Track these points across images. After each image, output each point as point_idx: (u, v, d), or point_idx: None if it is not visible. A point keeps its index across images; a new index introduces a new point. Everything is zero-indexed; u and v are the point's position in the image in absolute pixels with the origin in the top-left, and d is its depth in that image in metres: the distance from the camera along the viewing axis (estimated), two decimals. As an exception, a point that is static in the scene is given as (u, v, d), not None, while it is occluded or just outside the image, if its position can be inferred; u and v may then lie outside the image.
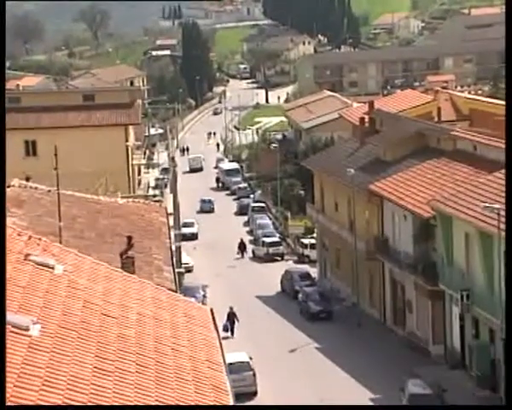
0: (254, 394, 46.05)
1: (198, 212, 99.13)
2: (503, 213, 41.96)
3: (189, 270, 62.57)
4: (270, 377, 48.01)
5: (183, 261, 57.42)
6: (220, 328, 29.61)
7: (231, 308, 55.36)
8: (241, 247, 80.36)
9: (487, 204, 43.16)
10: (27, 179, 40.31)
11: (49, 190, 36.19)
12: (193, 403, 17.22)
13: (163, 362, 18.56)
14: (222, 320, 51.43)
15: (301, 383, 48.60)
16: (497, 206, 42.05)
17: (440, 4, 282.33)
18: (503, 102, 72.66)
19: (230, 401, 18.69)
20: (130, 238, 28.50)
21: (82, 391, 15.22)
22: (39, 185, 38.30)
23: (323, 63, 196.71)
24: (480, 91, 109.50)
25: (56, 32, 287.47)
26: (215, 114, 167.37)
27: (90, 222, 35.23)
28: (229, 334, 53.97)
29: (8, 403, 11.97)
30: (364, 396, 46.31)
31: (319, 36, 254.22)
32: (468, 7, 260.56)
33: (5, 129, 23.47)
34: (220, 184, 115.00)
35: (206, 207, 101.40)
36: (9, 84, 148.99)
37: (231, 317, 55.10)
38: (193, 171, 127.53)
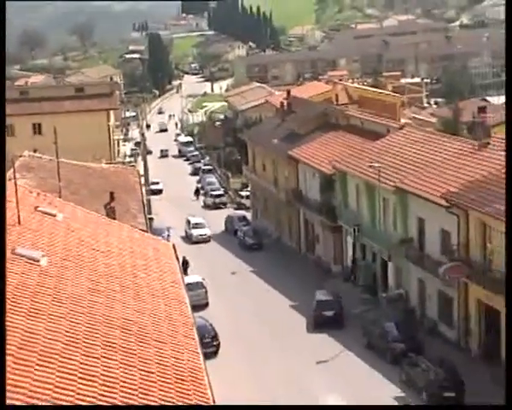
0: (206, 305, 45.79)
1: (159, 157, 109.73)
2: (382, 169, 42.54)
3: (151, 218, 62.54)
4: (217, 293, 48.05)
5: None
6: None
7: (184, 257, 52.45)
8: (197, 192, 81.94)
9: (371, 164, 43.77)
10: (35, 151, 40.05)
11: (51, 159, 35.90)
12: (161, 314, 17.38)
13: (139, 283, 18.71)
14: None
15: (240, 295, 48.76)
16: (377, 165, 42.60)
17: (336, 20, 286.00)
18: (380, 91, 73.54)
19: (188, 310, 18.85)
20: (112, 194, 28.51)
21: (80, 304, 15.40)
22: (44, 156, 38.04)
23: (253, 62, 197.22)
24: (364, 83, 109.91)
25: (55, 42, 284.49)
26: (159, 113, 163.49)
27: (83, 182, 35.08)
28: None
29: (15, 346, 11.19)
30: (286, 303, 46.55)
31: (249, 42, 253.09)
32: (355, 23, 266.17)
33: (5, 128, 23.08)
34: (178, 153, 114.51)
35: (165, 154, 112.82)
36: (20, 82, 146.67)
37: (184, 264, 52.54)
38: (161, 131, 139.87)
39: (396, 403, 32.95)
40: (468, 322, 37.54)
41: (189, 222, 63.85)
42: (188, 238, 61.85)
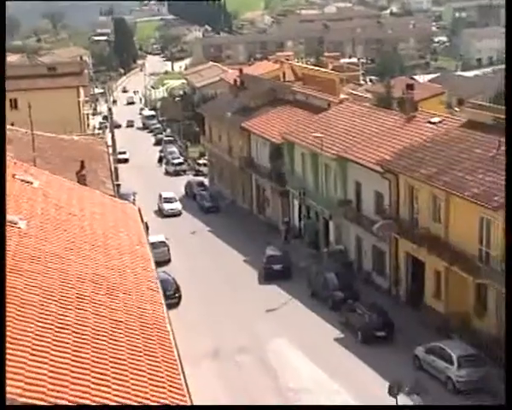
0: (169, 261, 45.38)
1: (126, 127, 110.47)
2: (324, 139, 42.47)
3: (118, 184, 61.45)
4: (179, 250, 47.77)
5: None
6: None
7: (146, 223, 50.92)
8: (160, 160, 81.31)
9: (314, 134, 43.82)
10: (12, 125, 39.14)
11: (26, 132, 35.19)
12: (128, 269, 17.31)
13: (109, 243, 18.60)
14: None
15: (199, 252, 48.59)
16: (319, 135, 42.63)
17: (283, 6, 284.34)
18: (322, 69, 73.47)
19: (152, 266, 18.80)
20: (82, 162, 28.04)
21: (56, 262, 15.27)
22: (20, 129, 37.25)
23: (209, 44, 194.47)
24: (308, 62, 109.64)
25: (29, 25, 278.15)
26: (124, 91, 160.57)
27: (56, 152, 34.42)
28: None
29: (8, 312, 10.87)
30: (240, 258, 46.50)
31: (206, 26, 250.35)
32: (299, 9, 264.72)
33: (5, 128, 22.33)
34: (142, 126, 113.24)
35: (131, 123, 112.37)
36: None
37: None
38: (129, 104, 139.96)
39: (336, 343, 33.44)
40: (397, 272, 38.14)
41: (160, 196, 60.58)
42: (160, 212, 59.46)
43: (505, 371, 13.38)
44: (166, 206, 58.99)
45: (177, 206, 59.53)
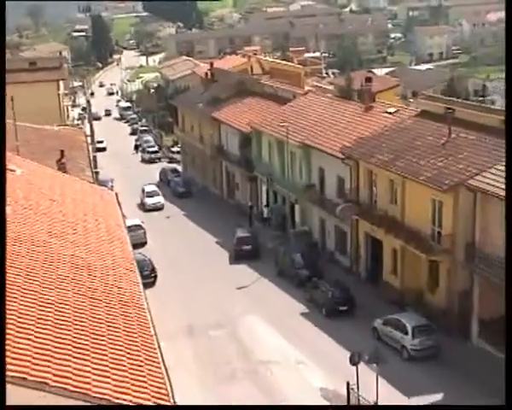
0: (145, 243, 45.11)
1: (104, 115, 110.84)
2: (289, 128, 42.38)
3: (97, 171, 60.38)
4: (154, 233, 47.54)
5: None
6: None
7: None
8: (136, 147, 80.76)
9: (280, 123, 43.80)
10: (-5, 117, 38.42)
11: (9, 122, 34.63)
12: (107, 251, 17.22)
13: (88, 227, 18.48)
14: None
15: (174, 235, 48.45)
16: (285, 124, 42.54)
17: (250, 4, 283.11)
18: (288, 63, 73.43)
19: (129, 248, 18.73)
20: (62, 151, 27.75)
21: (38, 245, 15.13)
22: (3, 120, 36.64)
23: (181, 39, 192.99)
24: (274, 56, 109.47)
25: (10, 22, 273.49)
26: (100, 86, 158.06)
27: (38, 142, 33.91)
28: None
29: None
30: (212, 240, 46.35)
31: (178, 22, 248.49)
32: (266, 6, 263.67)
33: (5, 126, 21.78)
34: (119, 116, 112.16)
35: (108, 113, 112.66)
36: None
37: None
38: (109, 94, 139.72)
39: (301, 317, 33.69)
40: (357, 251, 38.41)
41: (143, 191, 57.17)
42: (142, 205, 56.05)
43: (505, 371, 13.33)
44: (149, 200, 56.03)
45: (160, 199, 56.38)
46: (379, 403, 23.84)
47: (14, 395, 9.52)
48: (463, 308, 30.05)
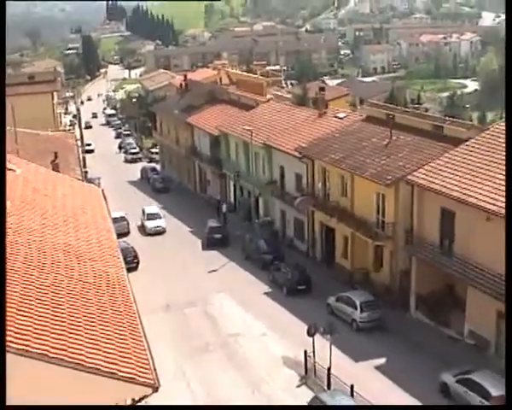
0: (128, 233, 44.68)
1: (91, 117, 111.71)
2: (253, 131, 42.32)
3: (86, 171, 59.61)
4: (136, 224, 47.12)
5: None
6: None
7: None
8: (120, 148, 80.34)
9: (245, 127, 43.79)
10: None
11: (10, 129, 34.11)
12: (94, 240, 17.12)
13: (78, 219, 18.35)
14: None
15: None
16: (249, 128, 42.57)
17: (220, 25, 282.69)
18: (252, 75, 73.36)
19: (114, 237, 18.65)
20: (55, 153, 27.51)
21: (34, 235, 14.98)
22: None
23: (159, 55, 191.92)
24: (240, 69, 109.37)
25: (12, 42, 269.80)
26: (88, 100, 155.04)
27: (34, 145, 33.47)
28: None
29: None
30: (186, 229, 46.04)
31: (157, 40, 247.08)
32: (233, 27, 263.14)
33: (5, 128, 21.14)
34: (105, 122, 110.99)
35: (95, 115, 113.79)
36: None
37: None
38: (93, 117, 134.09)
39: (265, 296, 33.86)
40: (313, 238, 38.67)
41: (143, 212, 46.93)
42: (142, 228, 46.37)
43: (506, 371, 13.34)
44: (150, 223, 45.30)
45: (161, 223, 45.35)
46: (332, 368, 24.12)
47: (18, 366, 9.47)
48: (403, 286, 30.58)
